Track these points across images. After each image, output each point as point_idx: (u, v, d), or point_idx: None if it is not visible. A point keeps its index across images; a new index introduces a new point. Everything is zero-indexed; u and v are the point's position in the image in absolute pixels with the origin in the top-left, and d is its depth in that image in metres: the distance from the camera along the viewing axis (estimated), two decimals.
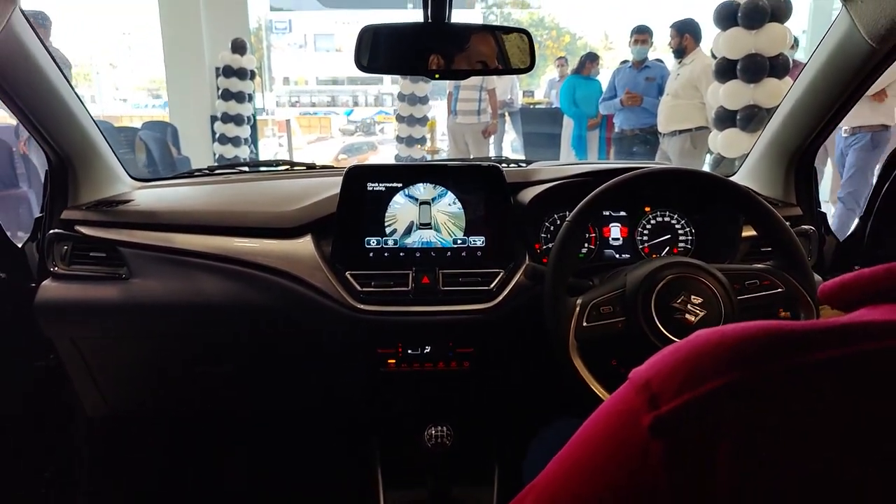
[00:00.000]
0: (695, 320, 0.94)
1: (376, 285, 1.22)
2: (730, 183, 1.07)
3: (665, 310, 0.95)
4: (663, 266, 0.99)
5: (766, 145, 1.41)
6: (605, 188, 1.05)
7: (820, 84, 1.16)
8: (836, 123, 1.24)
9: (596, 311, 0.98)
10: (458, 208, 1.26)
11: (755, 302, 1.00)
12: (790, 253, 1.03)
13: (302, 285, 1.23)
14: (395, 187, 1.25)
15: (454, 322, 1.22)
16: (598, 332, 0.97)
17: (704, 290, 0.97)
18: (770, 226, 1.04)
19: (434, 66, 1.07)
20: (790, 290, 1.01)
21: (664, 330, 0.94)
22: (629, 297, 0.98)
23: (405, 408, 1.34)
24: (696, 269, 0.99)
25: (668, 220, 1.37)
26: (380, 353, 1.25)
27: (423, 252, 1.25)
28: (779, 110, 1.33)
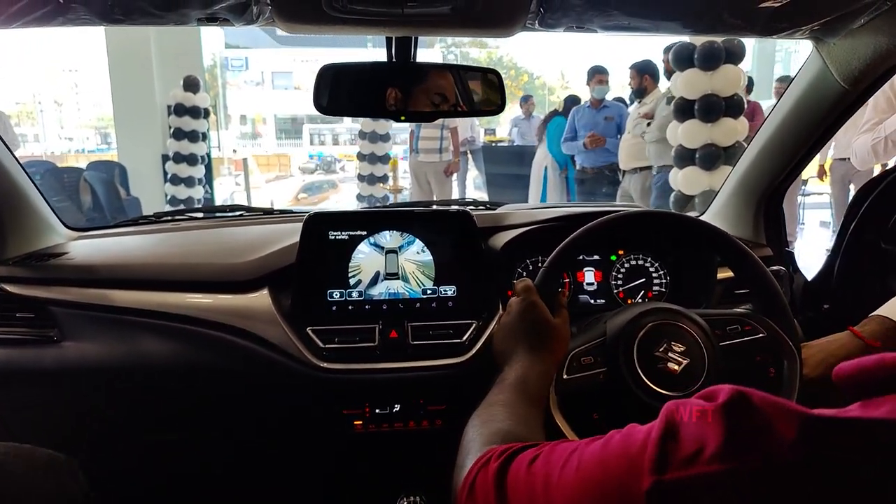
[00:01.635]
0: (678, 369, 0.89)
1: (340, 341, 1.13)
2: (707, 225, 1.03)
3: (647, 359, 0.90)
4: (643, 313, 0.94)
5: (734, 185, 1.39)
6: (581, 232, 1.00)
7: (790, 124, 1.15)
8: (805, 164, 1.23)
9: (576, 363, 0.92)
10: (427, 256, 1.19)
11: (736, 347, 0.96)
12: (770, 297, 0.99)
13: (258, 343, 1.12)
14: (359, 235, 1.17)
15: (425, 378, 1.14)
16: (578, 385, 0.91)
17: (686, 337, 0.92)
18: (748, 269, 1.01)
19: (398, 107, 1.01)
20: (772, 335, 0.97)
21: (647, 381, 0.88)
22: (610, 346, 0.93)
23: (375, 472, 1.24)
24: (676, 316, 0.94)
25: (642, 263, 1.33)
26: (345, 414, 1.15)
27: (390, 304, 1.17)
28: (748, 151, 1.32)
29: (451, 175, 6.18)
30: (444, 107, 1.02)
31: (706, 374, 0.89)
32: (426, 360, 1.14)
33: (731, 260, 1.03)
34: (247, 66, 16.44)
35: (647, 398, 0.87)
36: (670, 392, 0.87)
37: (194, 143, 6.14)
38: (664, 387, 0.88)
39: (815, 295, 1.43)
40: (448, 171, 6.03)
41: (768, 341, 0.96)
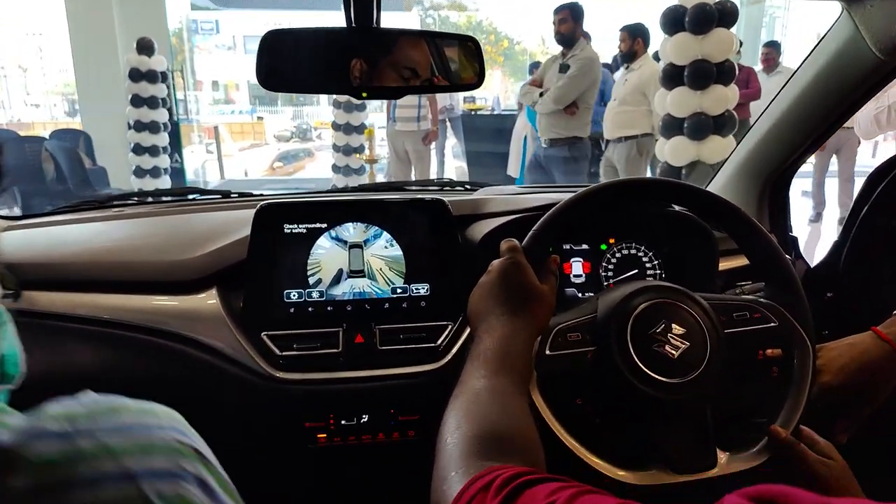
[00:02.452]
0: (676, 354, 0.79)
1: (299, 348, 1.00)
2: (721, 199, 0.91)
3: (642, 340, 0.79)
4: (641, 289, 0.84)
5: (738, 164, 1.27)
6: (580, 195, 0.88)
7: (809, 99, 1.02)
8: (822, 142, 1.11)
9: (562, 338, 0.81)
10: (396, 251, 1.05)
11: (743, 336, 0.85)
12: (786, 284, 0.88)
13: (205, 352, 0.99)
14: (319, 228, 1.03)
15: (395, 387, 1.02)
16: (562, 363, 0.80)
17: (688, 320, 0.81)
18: (763, 252, 0.89)
19: (361, 82, 0.86)
20: (784, 325, 0.86)
21: (640, 363, 0.78)
22: (601, 322, 0.82)
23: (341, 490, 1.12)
24: (679, 296, 0.84)
25: (635, 252, 1.21)
26: (307, 427, 1.03)
27: (355, 305, 1.04)
28: (756, 126, 1.20)
29: (430, 144, 6.00)
30: (414, 81, 0.87)
31: (706, 363, 0.79)
32: (396, 367, 1.02)
33: (745, 240, 0.91)
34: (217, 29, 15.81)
35: (638, 383, 0.77)
36: (665, 378, 0.77)
37: (154, 109, 5.85)
38: (659, 372, 0.77)
39: (819, 283, 1.33)
40: (426, 139, 5.84)
41: (779, 332, 0.86)
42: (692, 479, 0.76)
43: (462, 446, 0.57)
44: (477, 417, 0.61)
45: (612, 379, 0.80)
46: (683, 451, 0.78)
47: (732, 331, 0.85)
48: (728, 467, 0.78)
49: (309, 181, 9.23)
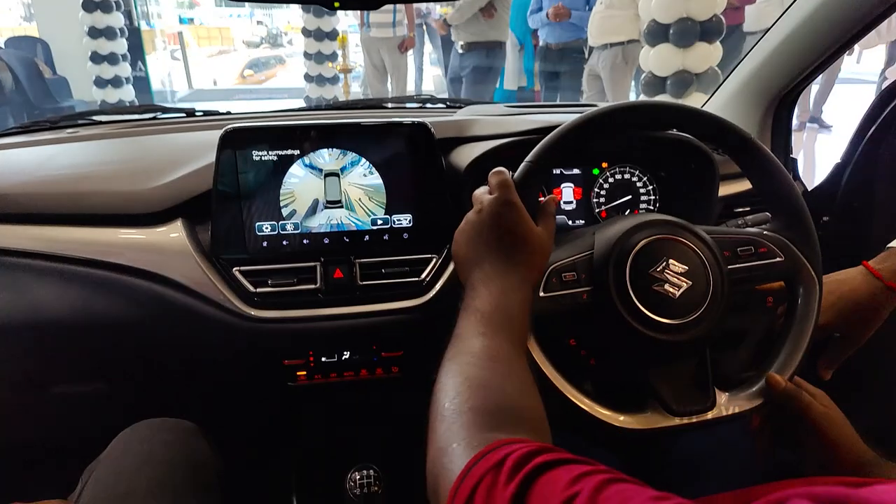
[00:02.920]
0: (677, 294, 0.75)
1: (275, 283, 0.94)
2: (732, 125, 0.83)
3: (642, 279, 0.75)
4: (642, 224, 0.78)
5: (740, 84, 1.19)
6: (579, 121, 0.79)
7: (825, 12, 0.93)
8: (835, 59, 1.02)
9: (556, 278, 0.76)
10: (376, 179, 0.97)
11: (748, 273, 0.81)
12: (794, 214, 0.83)
13: (174, 288, 0.93)
14: (291, 155, 0.94)
15: (378, 324, 0.97)
16: (556, 305, 0.76)
17: (689, 256, 0.76)
18: (772, 180, 0.83)
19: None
20: (791, 259, 0.82)
21: (640, 305, 0.74)
22: (598, 261, 0.77)
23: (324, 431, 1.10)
24: (681, 230, 0.78)
25: (629, 177, 1.14)
26: (286, 364, 0.98)
27: (333, 238, 0.97)
28: (763, 41, 1.10)
29: (407, 51, 5.70)
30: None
31: (709, 303, 0.75)
32: (378, 303, 0.96)
33: (754, 169, 0.84)
34: None
35: (638, 325, 0.73)
36: (665, 319, 0.73)
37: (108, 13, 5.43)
38: (658, 313, 0.73)
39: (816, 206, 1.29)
40: (403, 46, 5.54)
41: (785, 267, 0.82)
42: (690, 423, 0.74)
43: (465, 415, 0.52)
44: (479, 384, 0.55)
45: (610, 320, 0.75)
46: (682, 393, 0.75)
47: (737, 266, 0.80)
48: (727, 408, 0.76)
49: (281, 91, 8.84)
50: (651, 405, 0.76)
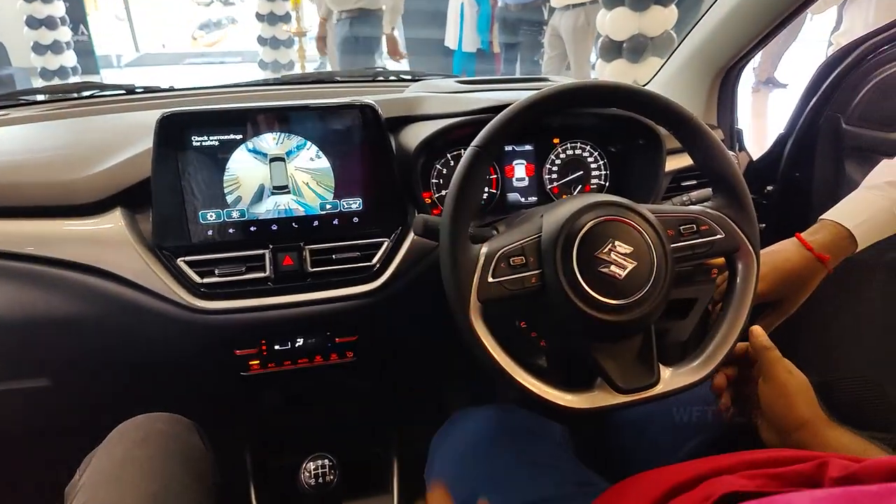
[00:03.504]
0: (623, 275, 0.76)
1: (222, 273, 0.92)
2: (674, 104, 0.84)
3: (588, 261, 0.76)
4: (588, 206, 0.79)
5: (687, 58, 1.19)
6: (522, 106, 0.79)
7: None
8: (779, 31, 1.03)
9: (505, 263, 0.76)
10: (324, 163, 0.95)
11: (690, 251, 0.83)
12: (734, 192, 0.84)
13: (115, 282, 0.90)
14: (233, 140, 0.91)
15: (330, 311, 0.96)
16: (505, 290, 0.76)
17: (635, 237, 0.77)
18: (713, 158, 0.84)
19: None
20: (731, 236, 0.84)
21: (587, 287, 0.75)
22: (546, 245, 0.77)
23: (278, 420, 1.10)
24: (625, 211, 0.79)
25: (580, 153, 1.15)
26: (238, 354, 0.97)
27: (281, 224, 0.95)
28: (705, 19, 1.11)
29: None
30: None
31: (653, 282, 0.76)
32: (330, 289, 0.96)
33: (696, 148, 0.85)
34: None
35: (585, 307, 0.74)
36: (611, 300, 0.74)
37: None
38: (605, 294, 0.74)
39: (760, 175, 1.32)
40: None
41: (726, 243, 0.84)
42: (636, 399, 0.76)
43: None
44: None
45: (557, 303, 0.76)
46: (627, 371, 0.77)
47: (679, 244, 0.82)
48: (671, 383, 0.78)
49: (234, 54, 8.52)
50: (598, 384, 0.78)
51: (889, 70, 1.07)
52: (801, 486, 0.49)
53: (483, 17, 4.92)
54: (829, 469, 0.48)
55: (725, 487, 0.49)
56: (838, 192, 1.17)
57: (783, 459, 0.55)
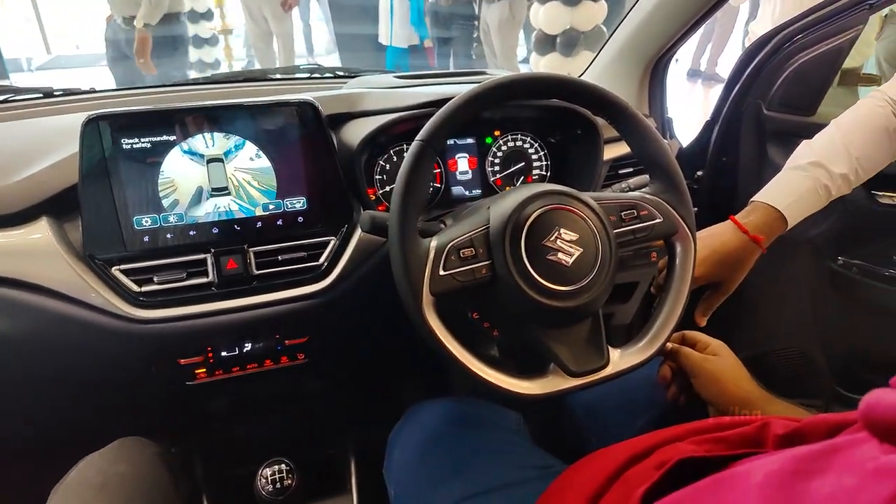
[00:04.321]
0: (570, 261, 0.78)
1: (161, 280, 0.88)
2: (610, 95, 0.87)
3: (536, 250, 0.77)
4: (533, 196, 0.80)
5: (618, 50, 1.23)
6: (463, 100, 0.79)
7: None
8: (698, 27, 1.08)
9: (455, 255, 0.77)
10: (264, 163, 0.93)
11: (632, 235, 0.86)
12: (669, 178, 0.88)
13: (45, 295, 0.85)
14: (167, 141, 0.88)
15: (279, 313, 0.94)
16: (457, 282, 0.77)
17: (579, 225, 0.80)
18: (649, 146, 0.88)
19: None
20: (668, 220, 0.87)
21: (536, 275, 0.76)
22: (495, 235, 0.79)
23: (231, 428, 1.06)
24: (569, 200, 0.81)
25: (521, 144, 1.17)
26: (182, 364, 0.94)
27: (222, 227, 0.92)
28: (633, 13, 1.14)
29: (291, 9, 5.43)
30: None
31: (598, 267, 0.78)
32: (277, 291, 0.94)
33: (632, 136, 0.88)
34: None
35: (535, 294, 0.76)
36: (560, 287, 0.76)
37: None
38: (553, 281, 0.76)
39: (691, 161, 1.38)
40: (286, 4, 5.27)
41: (664, 227, 0.87)
42: (588, 381, 0.78)
43: None
44: None
45: (508, 292, 0.77)
46: (579, 355, 0.79)
47: (622, 230, 0.85)
48: (620, 364, 0.81)
49: None
50: (552, 369, 0.80)
51: (804, 58, 1.14)
52: (746, 447, 0.51)
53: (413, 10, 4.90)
54: (772, 428, 0.51)
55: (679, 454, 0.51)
56: (762, 173, 1.23)
57: (727, 424, 0.58)
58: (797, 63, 1.14)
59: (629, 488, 0.53)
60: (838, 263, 1.23)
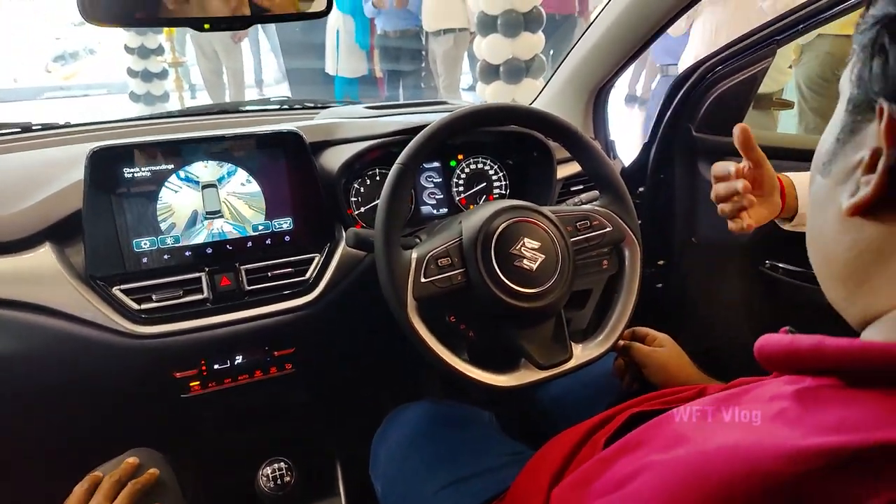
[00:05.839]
0: (534, 267, 0.90)
1: (160, 298, 0.95)
2: (564, 122, 1.00)
3: (504, 257, 0.89)
4: (500, 211, 0.92)
5: (565, 78, 1.37)
6: (437, 127, 0.91)
7: (627, 19, 1.13)
8: (634, 59, 1.23)
9: (434, 265, 0.88)
10: (254, 187, 1.01)
11: (586, 243, 0.99)
12: (616, 192, 1.02)
13: (50, 315, 0.91)
14: (165, 170, 0.95)
15: (269, 325, 1.02)
16: (436, 287, 0.88)
17: (541, 234, 0.92)
18: (597, 164, 1.02)
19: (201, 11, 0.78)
20: (617, 228, 1.01)
21: (505, 279, 0.88)
22: (468, 246, 0.90)
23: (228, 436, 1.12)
24: (531, 213, 0.94)
25: (482, 166, 1.29)
26: (177, 377, 1.00)
27: (216, 247, 1.00)
28: (580, 44, 1.29)
29: (241, 41, 5.49)
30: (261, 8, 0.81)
31: (559, 271, 0.91)
32: (267, 305, 1.02)
33: (582, 156, 1.02)
34: None
35: (505, 296, 0.87)
36: (527, 289, 0.88)
37: None
38: (521, 284, 0.88)
39: (633, 178, 1.52)
40: (236, 36, 5.33)
41: (613, 235, 1.00)
42: (556, 373, 0.89)
43: None
44: None
45: (481, 295, 0.88)
46: (546, 350, 0.90)
47: (577, 238, 0.97)
48: (582, 357, 0.92)
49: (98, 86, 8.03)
50: (522, 364, 0.90)
51: (724, 86, 1.31)
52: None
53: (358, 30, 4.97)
54: (707, 391, 0.63)
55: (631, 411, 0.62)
56: (695, 187, 1.39)
57: (671, 392, 0.70)
58: (719, 91, 1.30)
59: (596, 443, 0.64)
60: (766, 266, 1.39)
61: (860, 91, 0.39)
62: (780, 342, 0.42)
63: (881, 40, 0.37)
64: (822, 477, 0.31)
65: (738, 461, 0.34)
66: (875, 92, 0.37)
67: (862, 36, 0.38)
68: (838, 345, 0.37)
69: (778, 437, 0.35)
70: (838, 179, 0.41)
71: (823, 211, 0.43)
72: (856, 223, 0.40)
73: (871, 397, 0.35)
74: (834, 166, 0.42)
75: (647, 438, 0.48)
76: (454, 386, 1.38)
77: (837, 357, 0.37)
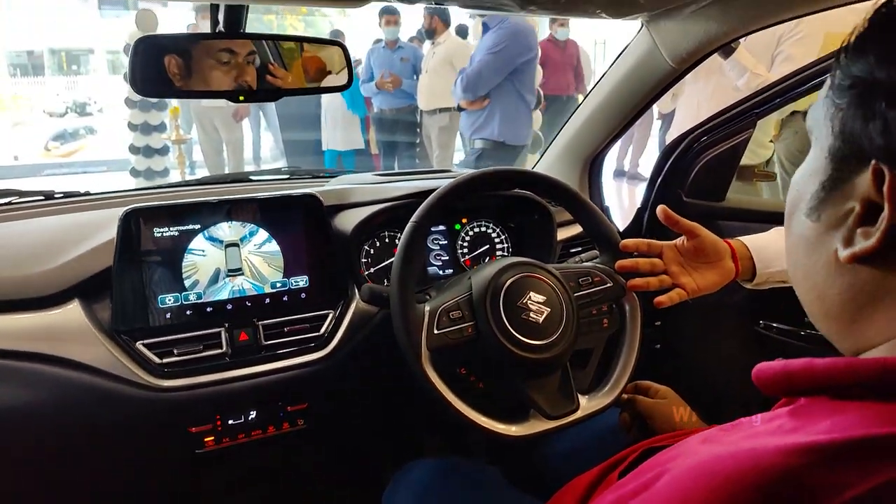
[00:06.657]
0: (540, 319, 0.94)
1: (181, 352, 0.98)
2: (568, 187, 1.08)
3: (512, 310, 0.93)
4: (507, 266, 0.98)
5: (562, 147, 1.47)
6: (449, 188, 0.98)
7: (617, 96, 1.23)
8: (626, 130, 1.33)
9: (445, 317, 0.93)
10: (274, 247, 1.07)
11: (588, 298, 1.03)
12: (614, 248, 1.07)
13: (76, 369, 0.93)
14: (192, 230, 1.01)
15: (283, 380, 1.05)
16: (448, 339, 0.92)
17: (546, 289, 0.97)
18: (597, 224, 1.08)
19: (234, 85, 0.86)
20: (617, 284, 1.06)
21: (513, 331, 0.92)
22: (478, 300, 0.95)
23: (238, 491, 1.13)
24: (536, 269, 0.99)
25: (485, 229, 1.36)
26: (192, 432, 1.02)
27: (235, 304, 1.04)
28: (575, 116, 1.39)
29: (241, 119, 5.69)
30: (289, 83, 0.90)
31: (564, 324, 0.95)
32: (283, 360, 1.05)
33: (583, 218, 1.09)
34: None
35: (513, 348, 0.91)
36: (534, 341, 0.92)
37: None
38: (528, 336, 0.92)
39: None
40: (238, 115, 5.54)
41: (614, 291, 1.05)
42: (564, 423, 0.92)
43: None
44: None
45: (490, 346, 0.92)
46: (553, 400, 0.94)
47: (580, 294, 1.02)
48: (588, 407, 0.96)
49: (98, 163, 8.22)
50: (531, 414, 0.94)
51: (710, 155, 1.40)
52: None
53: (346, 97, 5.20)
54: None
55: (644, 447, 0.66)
56: None
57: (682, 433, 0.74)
58: (705, 159, 1.40)
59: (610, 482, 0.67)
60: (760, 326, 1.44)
61: (845, 144, 0.40)
62: (774, 366, 0.47)
63: (876, 105, 0.37)
64: (817, 467, 0.35)
65: (742, 458, 0.38)
66: (869, 151, 0.38)
67: (844, 93, 0.40)
68: (827, 363, 0.42)
69: (777, 440, 0.39)
70: (830, 225, 0.43)
71: (815, 252, 0.46)
72: (850, 268, 0.42)
73: (858, 406, 0.40)
74: (823, 212, 0.44)
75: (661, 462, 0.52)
76: (457, 443, 1.39)
77: (827, 373, 0.42)
